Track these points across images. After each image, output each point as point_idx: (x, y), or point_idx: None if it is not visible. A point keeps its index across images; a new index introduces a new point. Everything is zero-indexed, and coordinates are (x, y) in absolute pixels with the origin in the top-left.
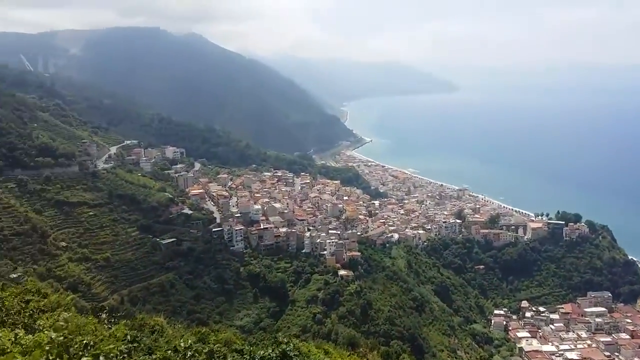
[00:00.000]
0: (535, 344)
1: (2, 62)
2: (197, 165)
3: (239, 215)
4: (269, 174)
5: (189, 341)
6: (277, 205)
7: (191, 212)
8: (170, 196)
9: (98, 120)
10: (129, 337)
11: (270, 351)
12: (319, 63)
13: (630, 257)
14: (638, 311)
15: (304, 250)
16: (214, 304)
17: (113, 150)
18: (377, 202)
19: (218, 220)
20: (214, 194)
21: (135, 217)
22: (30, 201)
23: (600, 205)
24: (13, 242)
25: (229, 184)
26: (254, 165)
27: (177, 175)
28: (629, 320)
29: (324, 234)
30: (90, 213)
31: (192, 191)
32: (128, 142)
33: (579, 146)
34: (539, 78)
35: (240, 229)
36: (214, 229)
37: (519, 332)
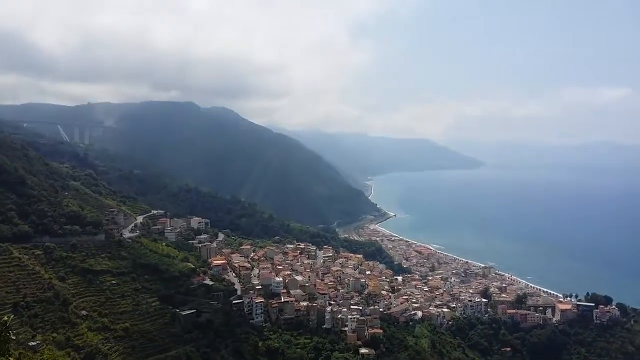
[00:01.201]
0: None
1: (40, 132)
2: (221, 236)
3: (260, 287)
4: (291, 246)
5: None
6: (299, 278)
7: (212, 283)
8: (193, 266)
9: (127, 189)
10: None
11: None
12: (345, 137)
13: None
14: None
15: (324, 326)
16: None
17: (139, 219)
18: (400, 278)
19: (239, 292)
20: (236, 265)
21: (157, 287)
22: (55, 268)
23: (631, 288)
24: (35, 309)
25: (251, 255)
26: (276, 237)
27: (200, 245)
28: None
29: (345, 309)
30: (113, 281)
31: (215, 262)
32: (155, 211)
33: (607, 226)
34: (564, 155)
35: (261, 301)
36: (234, 301)
37: None
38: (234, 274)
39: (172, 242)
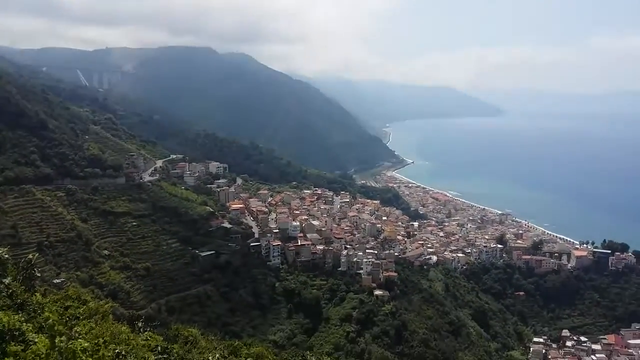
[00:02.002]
0: None
1: (59, 76)
2: (239, 181)
3: (277, 231)
4: (308, 191)
5: (217, 355)
6: (316, 222)
7: (230, 226)
8: (211, 210)
9: (147, 134)
10: (159, 347)
11: None
12: (364, 85)
13: None
14: None
15: (340, 269)
16: (249, 318)
17: (159, 163)
18: (416, 224)
19: (256, 235)
20: (253, 209)
21: (176, 229)
22: (77, 210)
23: None
24: (58, 248)
25: (269, 200)
26: (294, 183)
27: (219, 189)
28: None
29: (361, 253)
30: (134, 223)
31: (233, 206)
32: (174, 156)
33: (629, 176)
34: (588, 104)
35: (278, 244)
36: (252, 244)
37: None
38: (251, 218)
39: (190, 186)
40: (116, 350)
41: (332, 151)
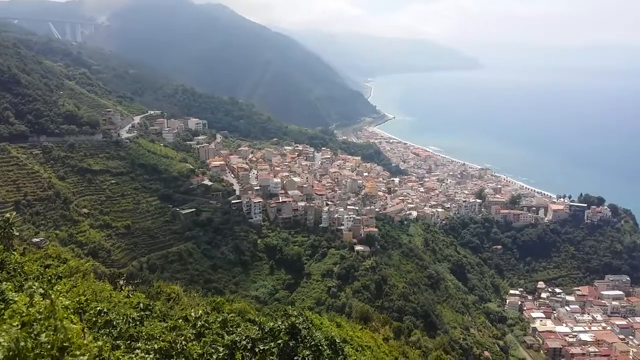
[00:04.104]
0: (549, 325)
1: (30, 29)
2: (219, 138)
3: (258, 188)
4: (289, 148)
5: (200, 311)
6: (297, 179)
7: (211, 183)
8: (191, 167)
9: (123, 89)
10: (142, 304)
11: (280, 323)
12: (345, 38)
13: None
14: None
15: (321, 225)
16: (231, 274)
17: (137, 120)
18: (397, 180)
19: (237, 193)
20: (234, 166)
21: (156, 187)
22: (54, 168)
23: (624, 189)
24: (36, 207)
25: (250, 157)
26: (275, 139)
27: (198, 146)
28: None
29: (342, 209)
30: (113, 181)
31: (213, 163)
32: (151, 112)
33: (606, 129)
34: (570, 56)
35: (259, 201)
36: (233, 201)
37: (533, 312)
38: (232, 175)
39: (170, 143)
40: (98, 308)
41: (313, 106)
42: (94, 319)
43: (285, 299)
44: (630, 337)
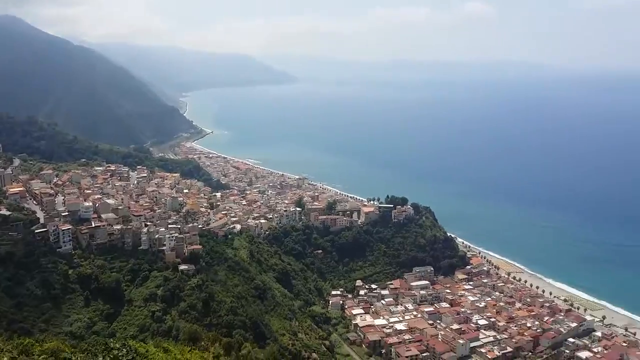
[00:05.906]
0: (368, 319)
1: None
2: (17, 161)
3: (66, 214)
4: (100, 168)
5: (5, 358)
6: (110, 201)
7: (9, 213)
8: None
9: None
10: None
11: (101, 358)
12: (157, 52)
13: (449, 234)
14: (456, 282)
15: (141, 247)
16: (40, 311)
17: None
18: (219, 194)
19: (42, 221)
20: (36, 192)
21: None
22: None
23: (422, 189)
24: None
25: (55, 181)
26: (83, 160)
27: None
28: (448, 291)
29: (162, 229)
30: None
31: (11, 190)
32: None
33: (406, 134)
34: (376, 71)
35: (68, 228)
36: (37, 230)
37: (354, 309)
38: (34, 202)
39: None
40: None
41: (125, 123)
42: None
43: (105, 331)
44: (438, 321)
